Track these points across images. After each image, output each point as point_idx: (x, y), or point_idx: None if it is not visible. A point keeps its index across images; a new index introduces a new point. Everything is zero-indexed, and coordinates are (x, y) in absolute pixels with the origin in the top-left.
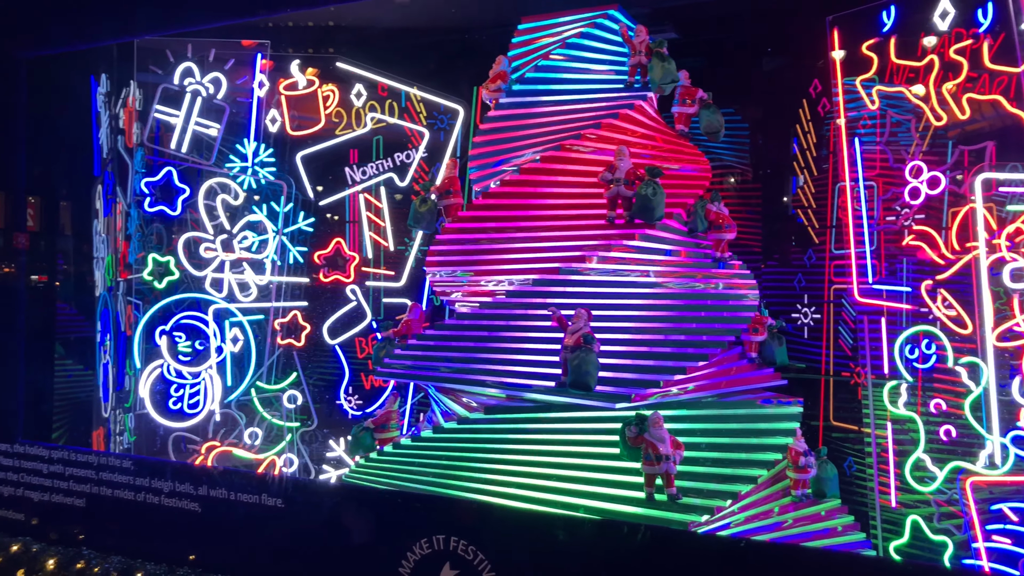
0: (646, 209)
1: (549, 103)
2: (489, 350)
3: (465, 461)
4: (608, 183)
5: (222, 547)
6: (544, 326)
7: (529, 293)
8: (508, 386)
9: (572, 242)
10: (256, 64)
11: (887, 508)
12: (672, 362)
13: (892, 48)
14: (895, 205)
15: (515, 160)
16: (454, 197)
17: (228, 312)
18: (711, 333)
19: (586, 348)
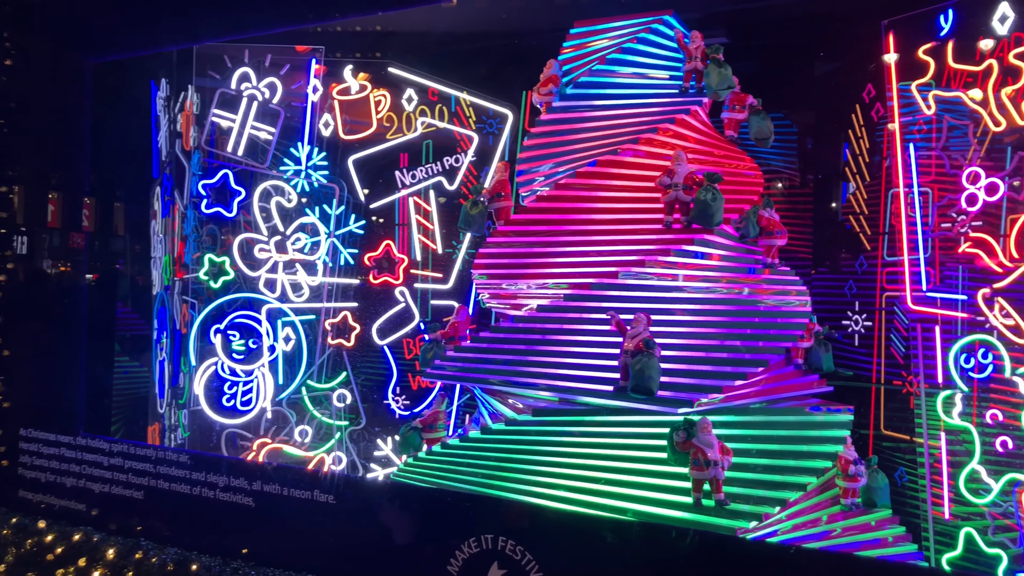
0: (705, 214)
1: (601, 108)
2: (542, 353)
3: (512, 462)
4: (666, 188)
5: (274, 542)
6: (597, 330)
7: (582, 298)
8: (562, 390)
9: (627, 246)
10: (310, 69)
11: (940, 520)
12: (730, 368)
13: (949, 52)
14: (951, 212)
15: (565, 166)
16: (505, 200)
17: (280, 312)
18: (768, 339)
19: (648, 353)
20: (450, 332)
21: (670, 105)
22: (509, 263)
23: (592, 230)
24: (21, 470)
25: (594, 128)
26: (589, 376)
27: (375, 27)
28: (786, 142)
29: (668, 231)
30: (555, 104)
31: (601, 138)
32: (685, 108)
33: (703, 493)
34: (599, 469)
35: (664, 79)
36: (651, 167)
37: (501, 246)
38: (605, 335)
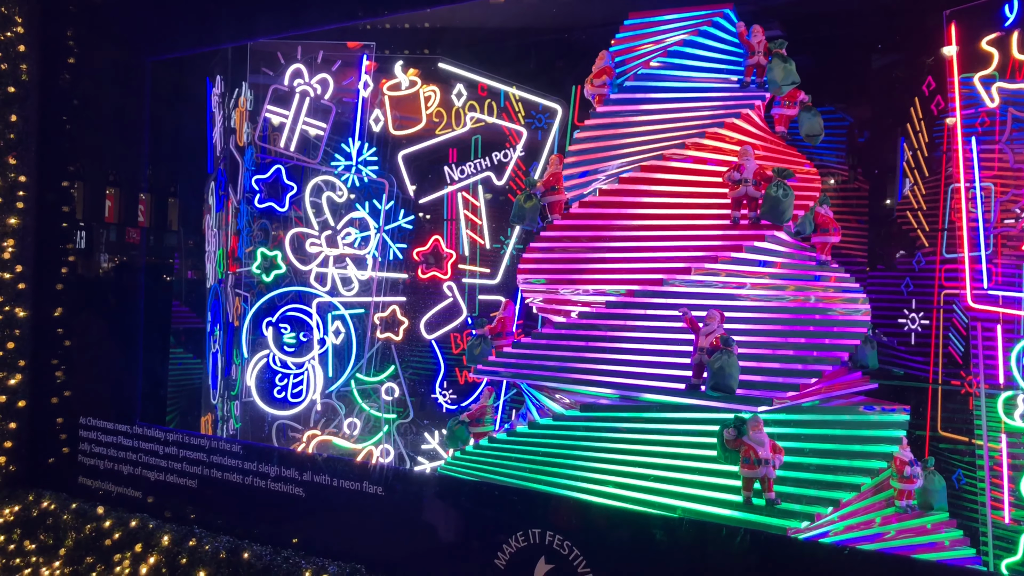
0: (776, 210)
1: (657, 104)
2: (601, 350)
3: (559, 458)
4: (735, 183)
5: (324, 531)
6: (659, 327)
7: (647, 294)
8: (624, 387)
9: (695, 242)
10: (361, 65)
11: (999, 524)
12: (799, 365)
13: (1014, 43)
14: (1015, 207)
15: (617, 166)
16: (558, 194)
17: (331, 305)
18: (833, 336)
19: (727, 351)
20: (497, 328)
21: (731, 101)
22: (558, 267)
23: (648, 231)
24: (81, 457)
25: (649, 125)
26: (653, 374)
27: (425, 24)
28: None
29: (735, 227)
30: (609, 99)
31: (656, 136)
32: (749, 103)
33: (753, 492)
34: (648, 466)
35: (724, 75)
36: (712, 164)
37: (549, 250)
38: (668, 332)
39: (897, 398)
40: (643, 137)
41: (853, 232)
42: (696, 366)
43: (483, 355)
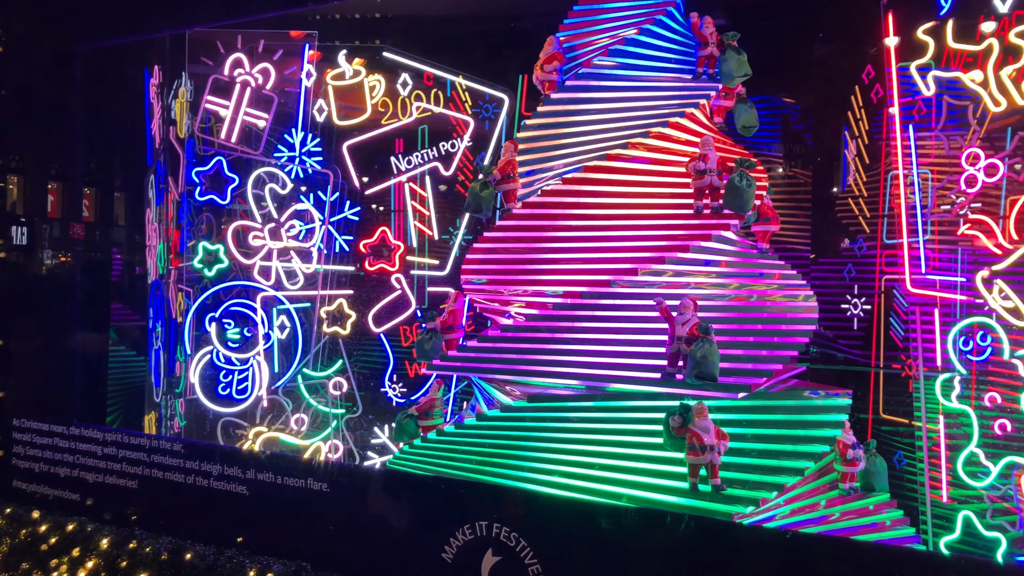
0: (739, 199)
1: (609, 98)
2: (567, 342)
3: (508, 449)
4: (700, 173)
5: (269, 530)
6: (621, 316)
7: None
8: (594, 378)
9: (659, 232)
10: (304, 55)
11: (938, 503)
12: (765, 351)
13: (949, 32)
14: (950, 194)
15: (569, 160)
16: (514, 182)
17: (276, 300)
18: (797, 323)
19: (708, 339)
20: (448, 321)
21: (686, 93)
22: (504, 267)
23: (600, 228)
24: (15, 460)
25: (603, 114)
26: (620, 364)
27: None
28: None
29: (698, 216)
30: (563, 87)
31: (611, 130)
32: (704, 94)
33: (700, 478)
34: (595, 455)
35: (676, 66)
36: (669, 155)
37: (495, 250)
38: (634, 322)
39: (840, 383)
40: (597, 126)
41: (797, 221)
42: (672, 355)
43: (434, 350)
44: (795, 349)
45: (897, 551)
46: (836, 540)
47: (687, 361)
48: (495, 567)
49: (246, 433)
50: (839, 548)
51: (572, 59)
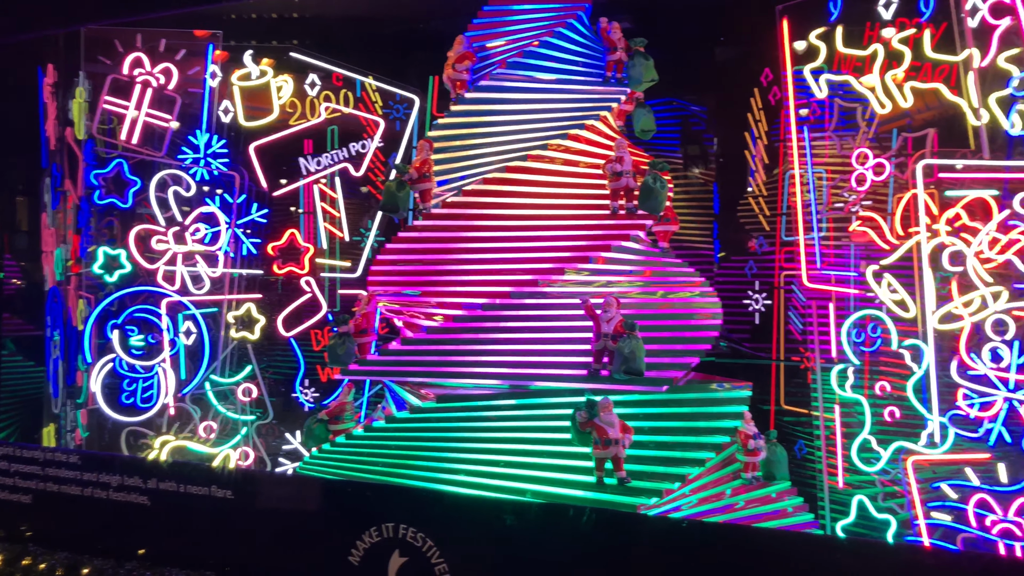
0: (652, 200)
1: (525, 92)
2: (490, 342)
3: (417, 450)
4: (617, 175)
5: (171, 540)
6: (554, 314)
7: (521, 295)
8: (516, 377)
9: (579, 233)
10: (208, 54)
11: (835, 489)
12: (681, 345)
13: (838, 37)
14: (843, 192)
15: (480, 164)
16: (429, 181)
17: (181, 305)
18: (701, 329)
19: (633, 335)
20: (361, 324)
21: (596, 96)
22: (420, 269)
23: (520, 228)
24: None
25: (515, 121)
26: (544, 363)
27: (280, 14)
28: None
29: (614, 217)
30: (477, 86)
31: (524, 132)
32: (615, 99)
33: (605, 472)
34: (504, 453)
35: (585, 72)
36: (584, 157)
37: (413, 251)
38: (556, 321)
39: (745, 376)
40: (512, 127)
41: (700, 220)
42: (597, 352)
43: (348, 354)
44: (708, 343)
45: (791, 535)
46: (731, 527)
47: (614, 357)
48: (402, 568)
49: (150, 442)
50: (734, 534)
51: (483, 59)
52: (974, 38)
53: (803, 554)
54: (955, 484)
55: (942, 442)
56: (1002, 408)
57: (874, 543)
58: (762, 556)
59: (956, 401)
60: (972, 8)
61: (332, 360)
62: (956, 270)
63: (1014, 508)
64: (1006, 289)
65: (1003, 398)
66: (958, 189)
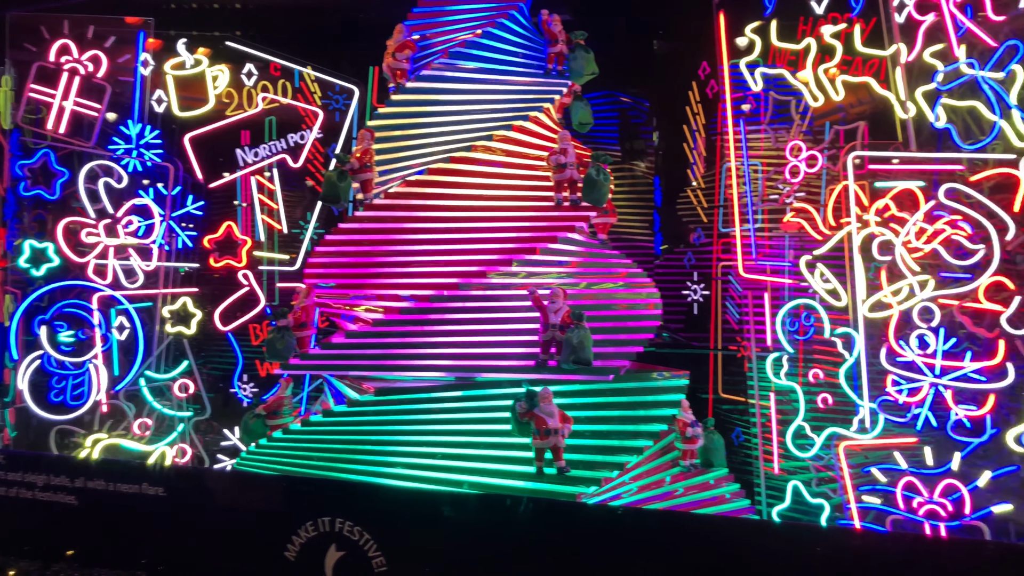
0: (596, 192)
1: (466, 82)
2: (435, 334)
3: (356, 444)
4: (561, 167)
5: (101, 539)
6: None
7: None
8: (463, 369)
9: (526, 224)
10: (140, 42)
11: (771, 475)
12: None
13: (773, 32)
14: (777, 184)
15: (427, 152)
16: (371, 171)
17: (114, 299)
18: (642, 319)
19: (581, 325)
20: (301, 317)
21: (539, 88)
22: (361, 261)
23: (464, 219)
24: None
25: (459, 112)
26: (492, 354)
27: (216, 4)
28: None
29: (560, 208)
30: (413, 83)
31: (468, 123)
32: (558, 91)
33: (545, 461)
34: (444, 445)
35: (526, 64)
36: (528, 148)
37: (354, 243)
38: (503, 312)
39: (683, 365)
40: (456, 117)
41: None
42: (545, 343)
43: (287, 348)
44: (650, 332)
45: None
46: (664, 513)
47: (562, 347)
48: (339, 562)
49: (80, 440)
50: (666, 520)
51: (424, 48)
52: (901, 33)
53: (738, 539)
54: (885, 468)
55: (872, 428)
56: (928, 393)
57: (807, 526)
58: (699, 542)
59: (886, 387)
60: (899, 4)
61: (271, 354)
62: (885, 259)
63: (939, 490)
64: (932, 278)
65: (929, 384)
66: (887, 180)
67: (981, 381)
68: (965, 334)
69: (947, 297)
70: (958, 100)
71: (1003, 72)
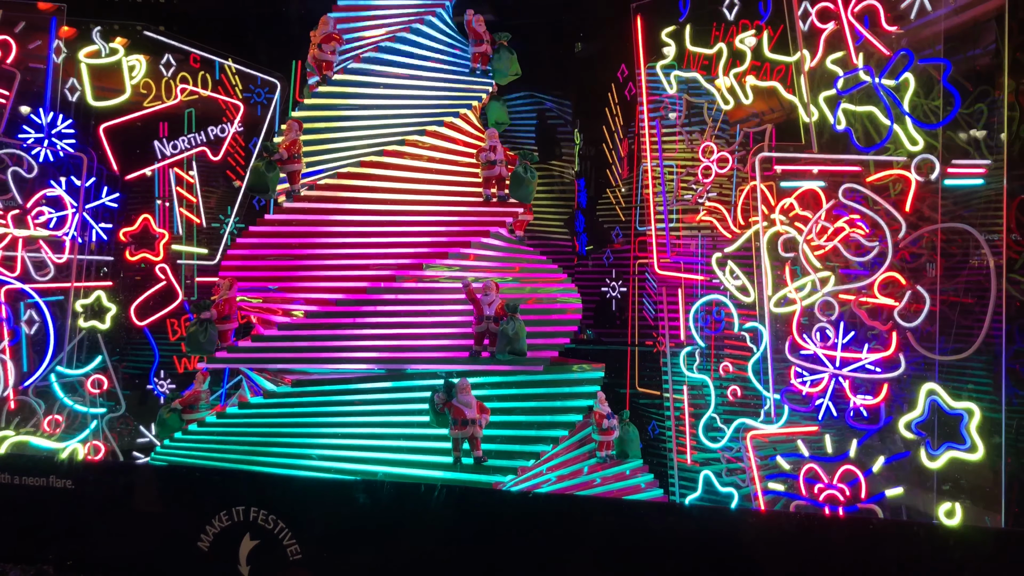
0: (523, 189)
1: (393, 84)
2: (365, 326)
3: (272, 436)
4: (491, 163)
5: (5, 534)
6: (435, 298)
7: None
8: (391, 361)
9: (455, 219)
10: (52, 29)
11: (683, 466)
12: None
13: (687, 36)
14: (691, 184)
15: (354, 146)
16: (298, 163)
17: (23, 292)
18: (565, 313)
19: (515, 317)
20: (224, 310)
21: (465, 87)
22: (276, 262)
23: (396, 212)
24: None
25: (387, 106)
26: (424, 346)
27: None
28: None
29: (488, 204)
30: (339, 75)
31: (396, 118)
32: (484, 90)
33: (463, 452)
34: (361, 436)
35: (451, 63)
36: (455, 145)
37: (266, 246)
38: (436, 305)
39: (602, 359)
40: (384, 111)
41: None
42: (479, 334)
43: (210, 342)
44: (573, 326)
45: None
46: (575, 497)
47: (497, 339)
48: (253, 551)
49: None
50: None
51: (349, 41)
52: (805, 41)
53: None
54: (788, 456)
55: (778, 418)
56: (829, 384)
57: (712, 508)
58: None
59: (790, 379)
60: (803, 12)
61: (193, 348)
62: (789, 256)
63: (837, 475)
64: (833, 274)
65: (830, 375)
66: (792, 181)
67: (876, 372)
68: (861, 327)
69: (846, 292)
70: (856, 105)
71: (895, 79)
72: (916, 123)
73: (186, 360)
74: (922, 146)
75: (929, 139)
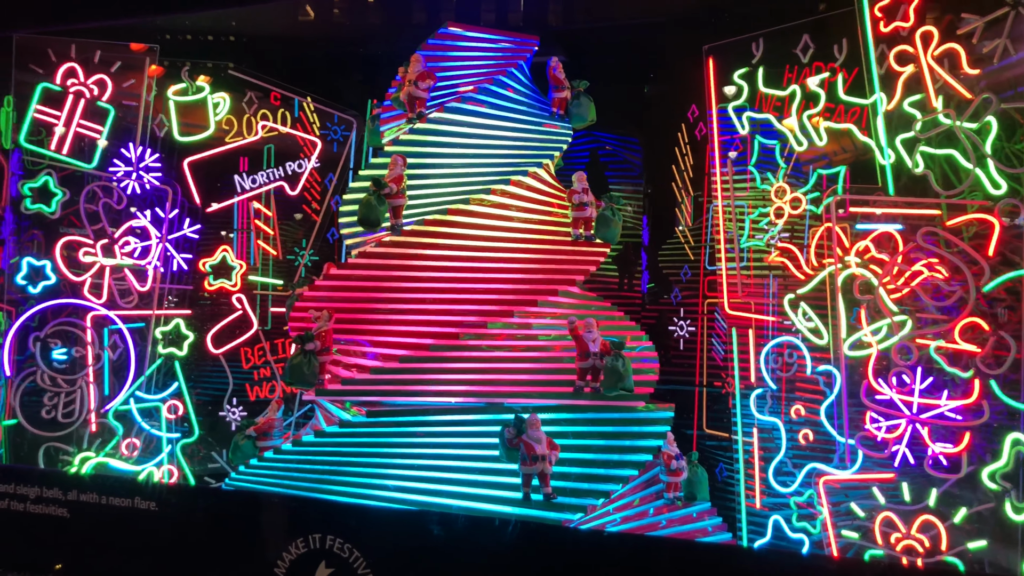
0: (609, 228)
1: (483, 128)
2: (467, 360)
3: (346, 464)
4: (582, 205)
5: (92, 553)
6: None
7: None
8: (497, 395)
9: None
10: (145, 68)
11: (752, 510)
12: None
13: (760, 78)
14: (762, 224)
15: (449, 190)
16: (402, 197)
17: (107, 319)
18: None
19: (621, 354)
20: (327, 341)
21: (551, 134)
22: (361, 306)
23: (481, 263)
24: None
25: (480, 152)
26: (526, 380)
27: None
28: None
29: (576, 244)
30: (437, 113)
31: (488, 165)
32: (566, 138)
33: (532, 488)
34: (432, 468)
35: (533, 112)
36: (540, 194)
37: (350, 288)
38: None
39: (671, 399)
40: (477, 159)
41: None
42: (582, 370)
43: (313, 373)
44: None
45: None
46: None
47: (605, 375)
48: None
49: (69, 458)
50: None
51: (442, 80)
52: (882, 83)
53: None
54: (863, 504)
55: (852, 464)
56: (906, 431)
57: (783, 552)
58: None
59: (864, 424)
60: (880, 55)
61: (295, 379)
62: (866, 299)
63: (916, 525)
64: (910, 318)
65: (907, 421)
66: (868, 223)
67: (956, 419)
68: (940, 373)
69: (924, 337)
70: (935, 148)
71: (977, 123)
72: (999, 166)
73: (257, 388)
74: (1005, 190)
75: (1012, 183)
